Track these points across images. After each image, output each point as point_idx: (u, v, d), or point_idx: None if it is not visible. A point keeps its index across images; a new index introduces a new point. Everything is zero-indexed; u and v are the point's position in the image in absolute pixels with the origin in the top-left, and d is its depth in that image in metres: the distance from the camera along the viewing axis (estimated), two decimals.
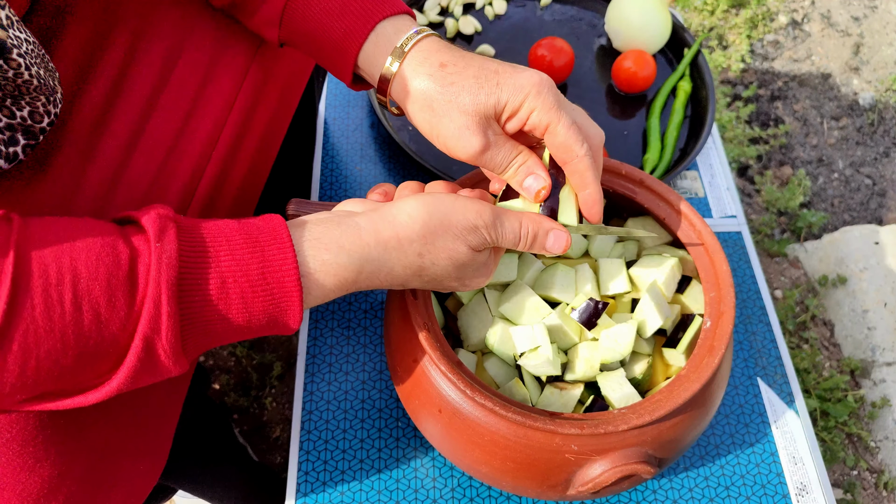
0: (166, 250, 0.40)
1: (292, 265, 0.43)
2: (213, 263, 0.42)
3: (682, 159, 0.87)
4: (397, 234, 0.47)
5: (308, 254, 0.45)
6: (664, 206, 0.63)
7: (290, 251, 0.44)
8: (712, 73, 1.57)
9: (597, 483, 0.52)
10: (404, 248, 0.47)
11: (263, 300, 0.43)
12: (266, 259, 0.43)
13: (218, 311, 0.42)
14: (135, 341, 0.40)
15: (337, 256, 0.45)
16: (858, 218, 1.54)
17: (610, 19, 0.97)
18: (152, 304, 0.39)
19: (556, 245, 0.52)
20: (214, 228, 0.43)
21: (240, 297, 0.42)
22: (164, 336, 0.40)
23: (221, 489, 0.91)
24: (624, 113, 0.95)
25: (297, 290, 0.44)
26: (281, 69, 0.64)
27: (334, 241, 0.46)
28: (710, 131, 0.88)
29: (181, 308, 0.41)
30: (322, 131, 0.91)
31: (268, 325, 0.44)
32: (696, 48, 0.96)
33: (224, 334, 0.44)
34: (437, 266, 0.49)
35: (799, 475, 0.70)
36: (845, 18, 1.85)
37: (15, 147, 0.44)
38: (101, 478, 0.50)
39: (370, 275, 0.47)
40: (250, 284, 0.42)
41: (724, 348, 0.54)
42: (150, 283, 0.39)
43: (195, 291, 0.41)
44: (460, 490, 0.67)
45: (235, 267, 0.42)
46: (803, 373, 1.29)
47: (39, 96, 0.43)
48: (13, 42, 0.40)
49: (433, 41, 0.53)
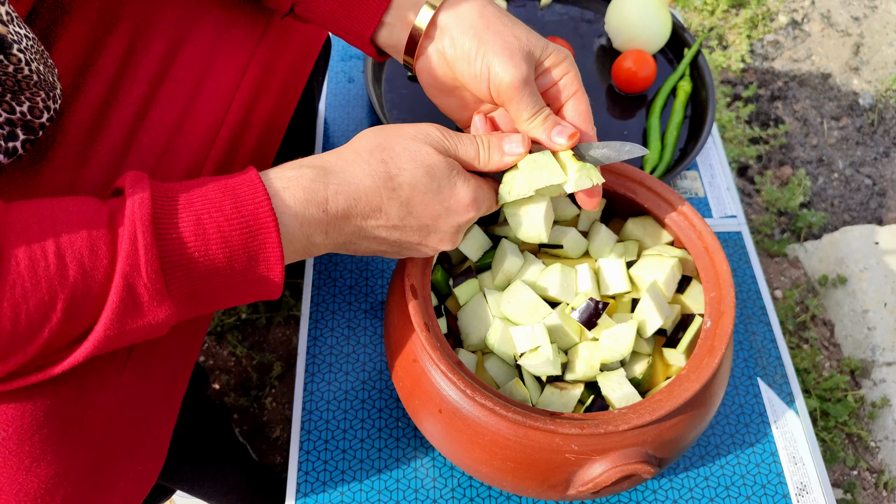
0: (139, 195, 0.41)
1: (263, 195, 0.44)
2: (185, 203, 0.43)
3: (682, 159, 0.87)
4: (353, 147, 0.49)
5: (272, 176, 0.46)
6: (664, 206, 0.63)
7: (259, 183, 0.45)
8: (712, 73, 1.57)
9: (597, 483, 0.52)
10: (364, 158, 0.48)
11: (241, 233, 0.44)
12: (238, 195, 0.44)
13: (196, 246, 0.43)
14: (115, 279, 0.40)
15: (300, 170, 0.47)
16: (858, 218, 1.54)
17: (610, 19, 0.97)
18: (128, 241, 0.40)
19: (514, 146, 0.52)
20: (186, 182, 0.45)
21: (217, 232, 0.43)
22: (143, 271, 0.40)
23: (221, 489, 0.91)
24: (624, 113, 0.95)
25: (272, 220, 0.44)
26: (281, 65, 0.64)
27: (295, 163, 0.48)
28: (710, 131, 0.88)
29: (159, 244, 0.41)
30: (322, 131, 0.91)
31: (249, 262, 0.45)
32: (696, 48, 0.96)
33: (208, 275, 0.44)
34: (405, 171, 0.49)
35: (799, 475, 0.70)
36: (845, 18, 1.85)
37: (14, 142, 0.44)
38: (100, 478, 0.50)
39: (339, 192, 0.47)
40: (225, 218, 0.43)
41: (724, 348, 0.54)
42: (125, 223, 0.41)
43: (172, 229, 0.42)
44: (460, 490, 0.67)
45: (209, 205, 0.43)
46: (803, 373, 1.29)
47: (39, 92, 0.44)
48: (13, 38, 0.40)
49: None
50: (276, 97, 0.64)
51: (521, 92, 0.52)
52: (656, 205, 0.63)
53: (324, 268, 0.80)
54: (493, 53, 0.51)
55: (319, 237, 0.48)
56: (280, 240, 0.45)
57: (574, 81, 0.54)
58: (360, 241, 0.51)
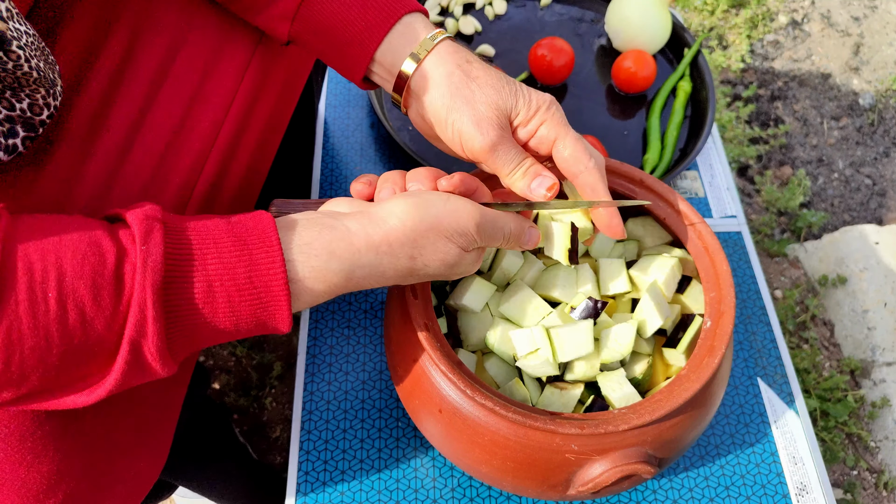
0: (152, 253, 0.40)
1: (280, 269, 0.43)
2: (199, 266, 0.42)
3: (682, 159, 0.87)
4: (388, 239, 0.47)
5: (297, 259, 0.44)
6: (664, 206, 0.63)
7: (279, 255, 0.43)
8: (712, 73, 1.57)
9: (597, 483, 0.52)
10: (395, 253, 0.47)
11: (251, 304, 0.43)
12: (254, 262, 0.43)
13: (204, 314, 0.42)
14: (122, 345, 0.40)
15: (327, 263, 0.45)
16: (858, 218, 1.54)
17: (610, 19, 0.97)
18: (138, 308, 0.39)
19: (531, 241, 0.54)
20: (202, 229, 0.43)
21: (226, 301, 0.42)
22: (150, 340, 0.40)
23: (222, 488, 0.92)
24: (624, 113, 0.95)
25: (284, 295, 0.43)
26: (281, 65, 0.64)
27: (324, 248, 0.45)
28: (710, 131, 0.88)
29: (167, 312, 0.40)
30: (322, 131, 0.91)
31: (256, 327, 0.44)
32: (696, 48, 0.96)
33: (212, 336, 0.44)
34: (428, 268, 0.49)
35: (799, 475, 0.70)
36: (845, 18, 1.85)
37: (14, 139, 0.44)
38: (101, 475, 0.50)
39: (361, 279, 0.47)
40: (237, 288, 0.42)
41: (724, 348, 0.54)
42: (135, 286, 0.39)
43: (181, 295, 0.41)
44: (460, 490, 0.67)
45: (222, 270, 0.42)
46: (803, 373, 1.29)
47: (39, 89, 0.43)
48: (13, 34, 0.40)
49: (454, 42, 0.56)
50: (276, 97, 0.64)
51: (493, 154, 0.53)
52: (656, 205, 0.63)
53: None
54: (461, 123, 0.53)
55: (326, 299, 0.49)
56: (290, 311, 0.44)
57: (554, 126, 0.54)
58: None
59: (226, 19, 0.58)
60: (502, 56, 0.98)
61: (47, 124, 0.46)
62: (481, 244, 0.51)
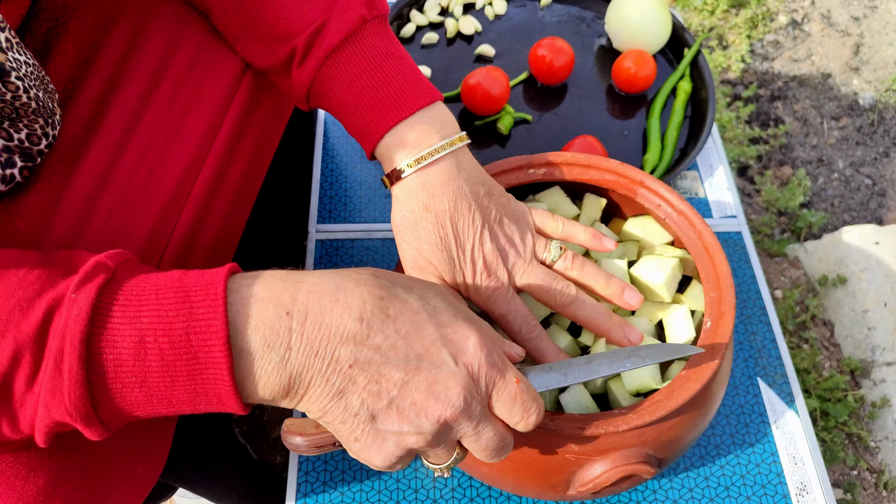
0: (78, 301, 0.36)
1: (220, 325, 0.38)
2: (132, 318, 0.37)
3: (682, 159, 0.87)
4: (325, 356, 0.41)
5: (239, 312, 0.39)
6: (664, 206, 0.63)
7: (221, 308, 0.38)
8: (712, 73, 1.57)
9: (597, 483, 0.52)
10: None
11: (186, 363, 0.38)
12: (193, 316, 0.38)
13: (134, 372, 0.37)
14: (40, 404, 0.37)
15: (274, 346, 0.39)
16: (858, 218, 1.54)
17: (610, 19, 0.97)
18: (53, 361, 0.36)
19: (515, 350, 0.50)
20: (149, 280, 0.39)
21: (159, 358, 0.37)
22: (66, 397, 0.36)
23: (222, 489, 0.91)
24: (624, 113, 0.95)
25: (224, 355, 0.38)
26: None
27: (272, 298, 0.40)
28: (710, 131, 0.88)
29: (88, 367, 0.37)
30: (322, 131, 0.91)
31: (195, 394, 0.39)
32: (696, 48, 0.96)
33: (146, 402, 0.39)
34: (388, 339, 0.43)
35: (799, 475, 0.70)
36: (845, 18, 1.85)
37: (12, 169, 0.43)
38: (98, 482, 0.50)
39: (309, 317, 0.40)
40: (171, 344, 0.37)
41: (724, 348, 0.54)
42: (56, 337, 0.36)
43: (107, 348, 0.37)
44: (460, 490, 0.67)
45: (157, 323, 0.37)
46: (803, 373, 1.29)
47: (38, 119, 0.43)
48: (12, 65, 0.39)
49: (442, 169, 0.52)
50: (274, 101, 0.64)
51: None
52: (656, 205, 0.63)
53: (324, 268, 0.80)
54: (403, 253, 0.54)
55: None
56: (231, 377, 0.38)
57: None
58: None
59: (215, 37, 0.58)
60: (502, 56, 0.99)
61: (45, 153, 0.45)
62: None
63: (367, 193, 0.86)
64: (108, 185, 0.50)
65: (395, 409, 0.41)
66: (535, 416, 0.44)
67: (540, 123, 0.92)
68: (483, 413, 0.43)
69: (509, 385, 0.43)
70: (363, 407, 0.40)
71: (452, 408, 0.41)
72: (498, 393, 0.43)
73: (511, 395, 0.43)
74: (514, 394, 0.43)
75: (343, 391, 0.40)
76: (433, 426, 0.41)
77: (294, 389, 0.40)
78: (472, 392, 0.42)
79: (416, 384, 0.41)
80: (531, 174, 0.64)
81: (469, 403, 0.42)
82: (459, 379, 0.41)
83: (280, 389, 0.40)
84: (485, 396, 0.43)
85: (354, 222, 0.83)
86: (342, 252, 0.81)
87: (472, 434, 0.43)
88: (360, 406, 0.40)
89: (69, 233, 0.47)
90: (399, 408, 0.41)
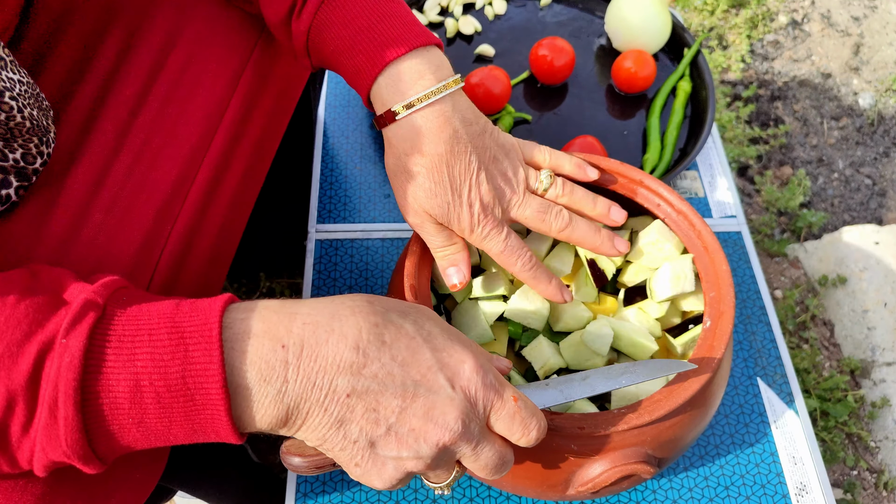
0: (70, 348, 0.36)
1: (217, 369, 0.38)
2: (126, 362, 0.37)
3: (682, 159, 0.87)
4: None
5: (237, 350, 0.39)
6: (664, 206, 0.63)
7: (217, 352, 0.38)
8: (712, 73, 1.57)
9: (596, 483, 0.52)
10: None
11: (184, 405, 0.38)
12: (188, 359, 0.38)
13: (131, 416, 0.38)
14: (37, 448, 0.37)
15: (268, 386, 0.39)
16: (858, 218, 1.54)
17: (610, 19, 0.97)
18: (48, 410, 0.36)
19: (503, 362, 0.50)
20: (142, 317, 0.39)
21: (156, 401, 0.37)
22: (63, 442, 0.37)
23: (221, 490, 0.91)
24: (624, 113, 0.95)
25: (221, 398, 0.38)
26: (277, 72, 0.63)
27: (275, 366, 0.40)
28: (709, 131, 0.88)
29: (84, 412, 0.37)
30: (322, 131, 0.91)
31: (193, 431, 0.40)
32: (695, 48, 0.96)
33: (144, 439, 0.39)
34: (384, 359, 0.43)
35: (799, 475, 0.70)
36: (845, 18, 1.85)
37: (8, 189, 0.43)
38: (96, 490, 0.49)
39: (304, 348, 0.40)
40: (167, 388, 0.37)
41: (723, 348, 0.54)
42: (49, 385, 0.36)
43: (103, 394, 0.37)
44: (460, 490, 0.67)
45: (152, 366, 0.37)
46: (803, 373, 1.29)
47: (32, 138, 0.42)
48: (5, 84, 0.39)
49: (437, 111, 0.52)
50: (272, 103, 0.63)
51: (419, 230, 0.56)
52: (656, 205, 0.63)
53: (323, 268, 0.80)
54: (397, 194, 0.55)
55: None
56: (229, 415, 0.39)
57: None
58: None
59: (220, 23, 0.58)
60: (502, 56, 0.99)
61: (41, 172, 0.45)
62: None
63: (367, 193, 0.86)
64: (102, 190, 0.49)
65: (393, 435, 0.41)
66: (535, 430, 0.44)
67: (540, 123, 0.92)
68: (482, 434, 0.43)
69: (507, 404, 0.43)
70: (362, 434, 0.41)
71: (451, 432, 0.41)
72: (497, 413, 0.44)
73: (510, 413, 0.43)
74: (512, 412, 0.44)
75: (342, 420, 0.40)
76: (432, 450, 0.41)
77: (292, 420, 0.40)
78: (469, 415, 0.42)
79: (413, 410, 0.41)
80: None
81: (467, 426, 0.42)
82: (457, 404, 0.42)
83: (277, 420, 0.40)
84: (483, 418, 0.43)
85: (354, 222, 0.83)
86: (342, 252, 0.81)
87: (471, 455, 0.43)
88: (358, 433, 0.41)
89: (61, 241, 0.47)
90: (398, 434, 0.41)
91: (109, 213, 0.49)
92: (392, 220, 0.84)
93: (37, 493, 0.45)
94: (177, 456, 0.65)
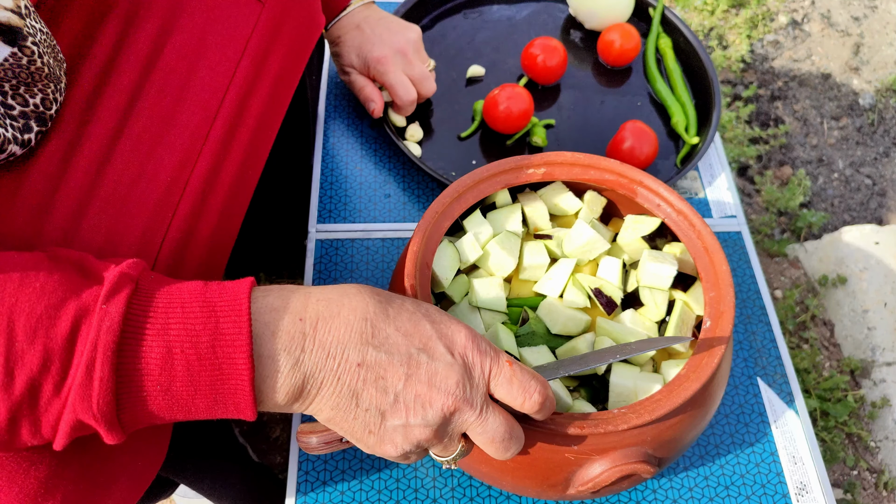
0: (110, 313, 0.38)
1: (245, 341, 0.40)
2: (160, 330, 0.40)
3: (691, 157, 0.87)
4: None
5: (270, 355, 0.42)
6: (664, 206, 0.63)
7: (246, 325, 0.41)
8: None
9: (596, 483, 0.52)
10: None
11: (210, 373, 0.40)
12: (219, 330, 0.40)
13: (160, 381, 0.40)
14: (66, 409, 0.39)
15: (292, 373, 0.42)
16: (858, 218, 1.54)
17: (575, 3, 0.99)
18: (85, 369, 0.38)
19: None
20: (174, 292, 0.41)
21: (185, 369, 0.40)
22: (94, 403, 0.38)
23: (221, 489, 0.91)
24: (625, 86, 0.95)
25: (247, 369, 0.40)
26: (275, 58, 0.63)
27: (297, 341, 0.43)
28: (713, 135, 0.87)
29: (118, 375, 0.39)
30: (322, 131, 0.91)
31: (215, 402, 0.42)
32: (660, 6, 0.99)
33: (167, 408, 0.41)
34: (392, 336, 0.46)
35: (799, 475, 0.70)
36: (845, 18, 1.85)
37: (29, 134, 0.44)
38: (98, 476, 0.50)
39: (320, 316, 0.44)
40: (197, 356, 0.40)
41: (723, 348, 0.54)
42: (86, 347, 0.38)
43: (137, 359, 0.39)
44: (460, 490, 0.67)
45: (184, 335, 0.40)
46: (803, 373, 1.29)
47: (49, 84, 0.44)
48: (29, 31, 0.41)
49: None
50: (270, 91, 0.63)
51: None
52: (656, 205, 0.63)
53: (324, 267, 0.80)
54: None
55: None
56: (251, 387, 0.41)
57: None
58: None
59: (218, 7, 0.58)
60: (493, 71, 0.98)
61: (54, 118, 0.46)
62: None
63: (367, 193, 0.86)
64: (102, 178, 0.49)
65: (401, 402, 0.44)
66: (537, 393, 0.46)
67: (560, 124, 0.92)
68: (485, 402, 0.45)
69: (504, 368, 0.46)
70: (372, 403, 0.43)
71: (453, 396, 0.44)
72: (496, 379, 0.46)
73: (507, 377, 0.46)
74: (509, 375, 0.46)
75: (353, 389, 0.43)
76: (437, 417, 0.44)
77: (307, 390, 0.43)
78: (469, 380, 0.45)
79: (418, 377, 0.44)
80: (531, 174, 0.64)
81: (467, 391, 0.44)
82: (456, 369, 0.44)
83: (294, 390, 0.43)
84: (483, 385, 0.46)
85: (354, 222, 0.84)
86: (342, 252, 0.81)
87: (477, 424, 0.45)
88: (369, 402, 0.43)
89: (64, 225, 0.47)
90: (405, 401, 0.44)
91: (109, 203, 0.49)
92: (392, 219, 0.84)
93: (40, 477, 0.46)
94: (177, 448, 0.65)
